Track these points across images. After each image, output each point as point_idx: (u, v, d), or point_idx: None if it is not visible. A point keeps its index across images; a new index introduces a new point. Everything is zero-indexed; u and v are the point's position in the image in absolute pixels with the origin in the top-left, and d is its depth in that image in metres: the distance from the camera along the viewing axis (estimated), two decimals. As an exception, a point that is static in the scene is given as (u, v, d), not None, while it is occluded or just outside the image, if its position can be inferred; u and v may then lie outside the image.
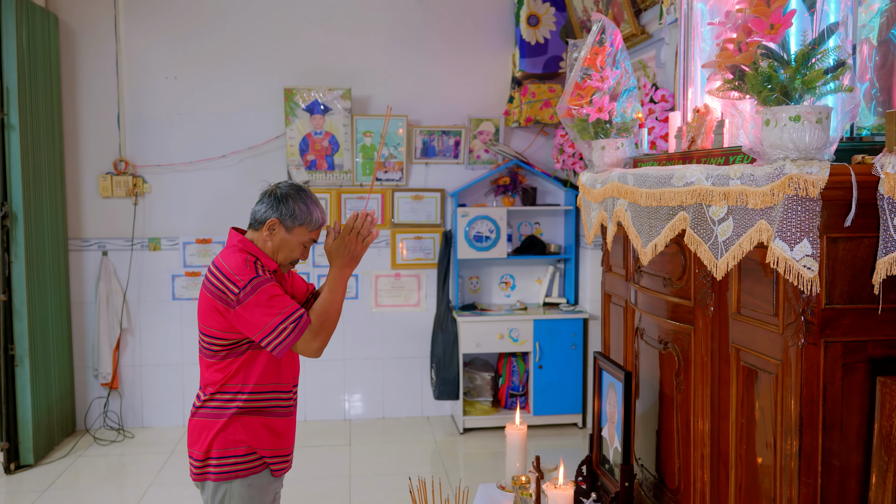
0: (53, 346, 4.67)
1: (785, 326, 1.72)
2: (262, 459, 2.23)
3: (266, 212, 2.22)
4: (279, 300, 2.12)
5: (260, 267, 2.16)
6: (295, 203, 2.21)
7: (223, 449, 2.20)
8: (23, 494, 4.04)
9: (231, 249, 2.21)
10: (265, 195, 2.26)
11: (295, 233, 2.22)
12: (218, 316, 2.15)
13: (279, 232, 2.21)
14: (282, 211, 2.20)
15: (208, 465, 2.21)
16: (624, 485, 2.21)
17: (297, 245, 2.24)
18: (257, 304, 2.09)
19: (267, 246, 2.22)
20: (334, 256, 2.25)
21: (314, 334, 2.15)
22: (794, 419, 1.69)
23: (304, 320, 2.13)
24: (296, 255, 2.26)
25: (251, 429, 2.21)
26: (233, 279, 2.11)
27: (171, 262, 5.09)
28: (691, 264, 2.11)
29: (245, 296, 2.10)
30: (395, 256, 5.26)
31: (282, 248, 2.22)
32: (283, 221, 2.20)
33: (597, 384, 2.54)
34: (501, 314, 5.03)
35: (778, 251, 1.61)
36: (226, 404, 2.22)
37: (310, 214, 2.23)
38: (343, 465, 4.46)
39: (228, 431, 2.21)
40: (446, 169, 5.27)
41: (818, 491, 1.70)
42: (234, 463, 2.19)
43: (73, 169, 4.95)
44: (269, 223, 2.20)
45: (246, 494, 2.19)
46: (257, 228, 2.23)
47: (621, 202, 2.41)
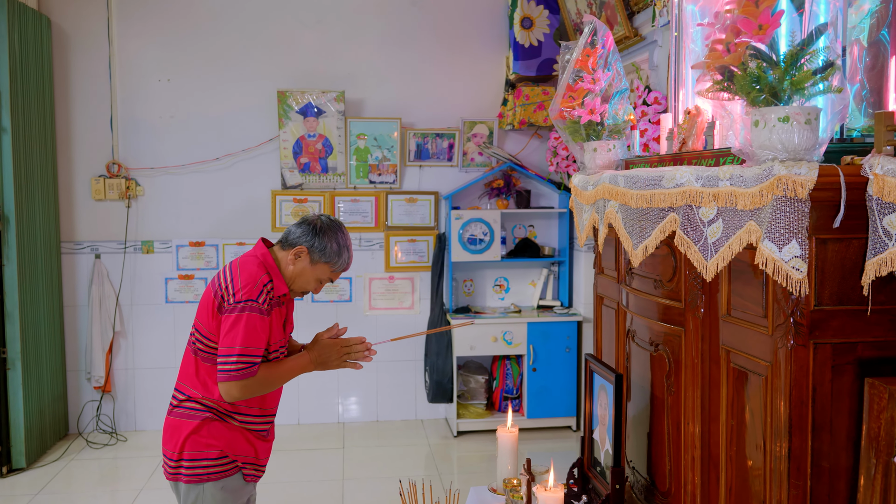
0: (46, 350, 4.65)
1: (774, 328, 1.71)
2: (235, 463, 2.22)
3: (300, 237, 2.23)
4: (253, 335, 2.11)
5: (267, 292, 2.15)
6: (329, 241, 2.23)
7: (194, 451, 2.19)
8: (14, 498, 4.02)
9: (252, 260, 2.21)
10: (305, 222, 2.27)
11: (318, 268, 2.24)
12: (212, 314, 2.17)
13: (304, 261, 2.23)
14: (314, 243, 2.22)
15: (181, 467, 2.20)
16: (615, 487, 2.20)
17: (314, 279, 2.26)
18: (235, 325, 2.10)
19: (288, 269, 2.23)
20: (316, 351, 2.27)
21: (244, 388, 2.12)
22: (784, 421, 1.69)
23: (252, 370, 2.12)
24: (309, 287, 2.28)
25: (223, 434, 2.20)
26: (235, 288, 2.14)
27: (164, 265, 5.07)
28: (682, 266, 2.10)
29: (233, 309, 2.12)
30: (388, 259, 5.25)
31: (300, 276, 2.24)
32: (311, 253, 2.22)
33: (588, 386, 2.54)
34: (495, 317, 5.03)
35: (766, 252, 1.60)
36: (203, 408, 2.21)
37: (339, 256, 2.25)
38: (336, 468, 4.44)
39: (201, 434, 2.20)
40: (440, 171, 5.27)
41: (808, 493, 1.69)
42: (205, 466, 2.18)
43: (66, 172, 4.93)
44: (297, 249, 2.22)
45: (219, 497, 2.19)
46: (285, 248, 2.25)
47: (612, 204, 2.41)
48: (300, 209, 5.12)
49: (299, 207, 5.12)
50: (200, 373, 2.22)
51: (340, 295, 5.24)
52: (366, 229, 5.21)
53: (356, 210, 5.19)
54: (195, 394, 2.22)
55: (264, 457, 2.32)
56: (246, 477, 2.26)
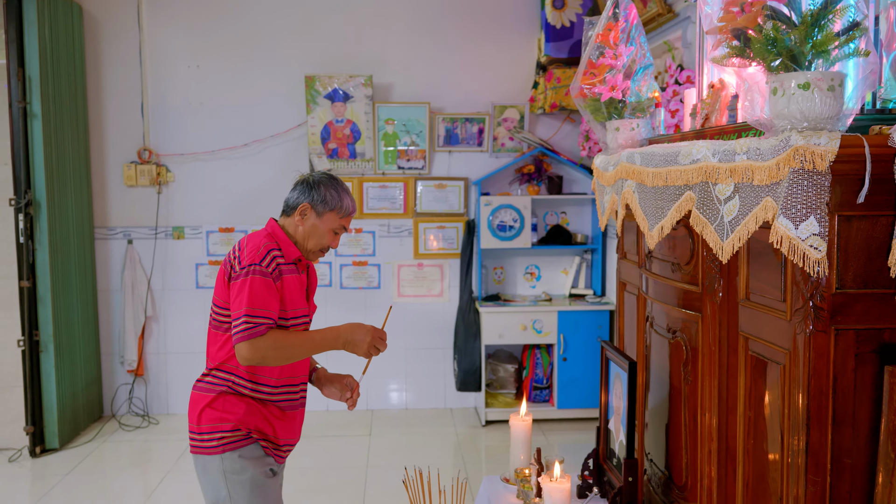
0: (79, 333, 4.72)
1: (793, 313, 1.59)
2: (250, 435, 2.19)
3: (298, 197, 2.26)
4: (259, 296, 2.10)
5: (273, 258, 2.14)
6: (326, 189, 2.25)
7: (211, 424, 2.19)
8: (46, 478, 4.09)
9: (259, 233, 2.24)
10: (298, 183, 2.31)
11: (325, 218, 2.24)
12: (226, 285, 2.18)
13: (310, 217, 2.24)
14: (313, 196, 2.24)
15: (199, 439, 2.21)
16: (627, 479, 2.10)
17: (328, 231, 2.26)
18: (241, 289, 2.10)
19: (298, 231, 2.25)
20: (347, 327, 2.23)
21: (255, 348, 2.07)
22: (802, 413, 1.57)
23: (259, 329, 2.08)
24: (326, 241, 2.27)
25: (237, 408, 2.18)
26: (241, 255, 2.15)
27: (195, 251, 5.10)
28: (699, 248, 1.99)
29: (237, 276, 2.13)
30: (417, 246, 5.19)
31: (312, 233, 2.24)
32: (314, 206, 2.23)
33: (604, 375, 2.43)
34: (525, 305, 4.92)
35: (782, 230, 1.48)
36: (219, 381, 2.22)
37: (340, 200, 2.26)
38: (361, 456, 4.41)
39: (215, 407, 2.20)
40: (470, 157, 5.18)
41: (827, 490, 1.57)
42: (220, 437, 2.17)
43: (99, 158, 4.99)
44: (301, 208, 2.24)
45: (238, 465, 2.16)
46: (289, 214, 2.27)
47: (629, 183, 2.30)
48: (329, 195, 5.08)
49: (328, 193, 5.08)
50: (218, 345, 2.24)
51: (369, 282, 5.20)
52: (394, 215, 5.15)
53: (385, 196, 5.14)
54: (214, 366, 2.24)
55: (284, 436, 2.28)
56: (265, 450, 2.23)
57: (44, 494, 3.89)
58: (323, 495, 3.77)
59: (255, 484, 2.17)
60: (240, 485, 2.17)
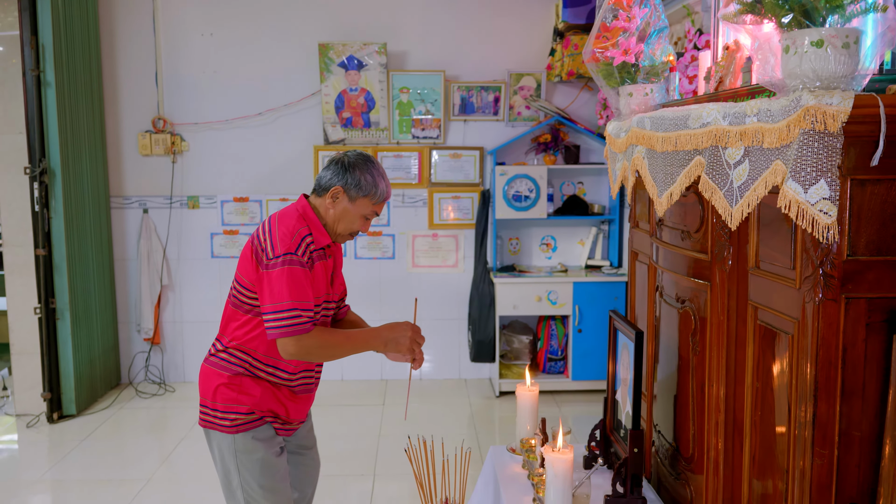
0: (96, 302, 4.76)
1: (802, 281, 1.53)
2: (263, 418, 2.18)
3: (331, 179, 2.15)
4: (299, 289, 2.04)
5: (306, 245, 2.09)
6: (361, 173, 2.14)
7: (226, 404, 2.17)
8: (63, 443, 4.15)
9: (291, 213, 2.15)
10: (332, 162, 2.19)
11: (358, 203, 2.15)
12: (253, 268, 2.12)
13: (342, 201, 2.15)
14: (347, 180, 2.13)
15: (213, 416, 2.19)
16: (633, 451, 2.06)
17: (359, 217, 2.18)
18: (279, 280, 2.03)
19: (329, 214, 2.17)
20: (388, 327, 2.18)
21: (300, 345, 2.04)
22: (809, 384, 1.52)
23: (305, 325, 2.04)
24: (356, 226, 2.19)
25: (254, 391, 2.17)
26: (274, 242, 2.08)
27: (210, 221, 5.10)
28: (709, 215, 1.93)
29: (273, 265, 2.06)
30: (432, 216, 5.15)
31: (343, 217, 2.16)
32: (347, 191, 2.14)
33: (612, 345, 2.39)
34: (540, 276, 4.88)
35: (790, 194, 1.42)
36: (237, 361, 2.19)
37: (375, 186, 2.16)
38: (374, 425, 4.43)
39: (231, 387, 2.18)
40: (485, 126, 5.11)
41: (834, 463, 1.52)
42: (234, 418, 2.16)
43: (114, 126, 4.99)
44: (333, 191, 2.14)
45: (251, 446, 2.16)
46: (321, 195, 2.17)
47: (639, 149, 2.23)
48: (343, 165, 5.05)
49: (342, 163, 5.05)
50: (238, 324, 2.20)
51: (383, 252, 5.18)
52: (409, 185, 5.11)
53: (399, 166, 5.09)
54: (231, 344, 2.20)
55: (296, 417, 2.27)
56: (277, 430, 2.23)
57: (61, 459, 3.95)
58: (335, 463, 3.78)
59: (265, 464, 2.17)
60: (251, 464, 2.16)
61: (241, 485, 2.17)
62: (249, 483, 2.16)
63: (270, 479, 2.17)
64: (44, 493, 3.61)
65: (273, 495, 2.18)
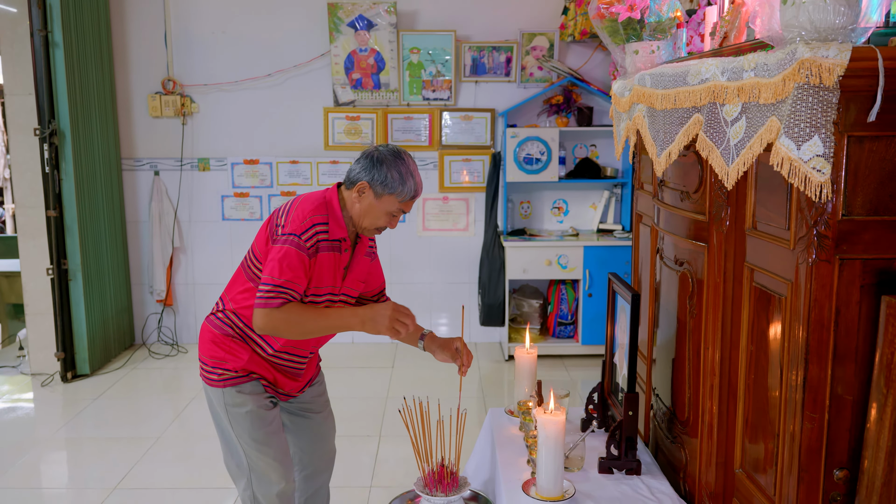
0: (108, 263, 4.80)
1: (796, 241, 1.49)
2: (251, 375, 2.20)
3: (359, 173, 2.11)
4: (287, 268, 2.03)
5: (316, 233, 2.07)
6: (389, 170, 2.09)
7: (217, 360, 2.20)
8: (76, 402, 4.23)
9: (315, 198, 2.13)
10: (363, 155, 2.15)
11: (383, 200, 2.10)
12: (264, 240, 2.14)
13: (368, 197, 2.11)
14: (374, 175, 2.09)
15: (205, 370, 2.23)
16: (627, 414, 2.05)
17: (384, 213, 2.13)
18: (276, 256, 2.04)
19: (354, 208, 2.13)
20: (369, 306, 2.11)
21: (269, 318, 2.03)
22: (801, 347, 1.49)
23: (278, 299, 2.02)
24: (381, 223, 2.15)
25: (244, 355, 2.19)
26: (287, 220, 2.09)
27: (220, 183, 5.11)
28: (707, 175, 1.88)
29: (276, 240, 2.08)
30: (443, 179, 5.11)
31: (369, 213, 2.12)
32: (373, 186, 2.09)
33: (610, 308, 2.36)
34: (550, 240, 4.84)
35: (783, 151, 1.37)
36: (231, 324, 2.21)
37: (402, 184, 2.10)
38: (382, 387, 4.45)
39: (224, 347, 2.20)
40: (497, 87, 5.03)
41: (824, 427, 1.49)
42: (222, 373, 2.19)
43: (124, 88, 4.98)
44: (360, 186, 2.10)
45: (238, 399, 2.18)
46: (349, 188, 2.14)
47: (640, 108, 2.18)
48: (353, 127, 5.02)
49: (352, 125, 5.02)
50: (241, 289, 2.22)
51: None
52: (419, 148, 5.07)
53: (410, 128, 5.04)
54: (230, 307, 2.22)
55: (286, 388, 2.28)
56: (266, 388, 2.24)
57: (74, 416, 4.03)
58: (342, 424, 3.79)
59: (255, 416, 2.19)
60: (240, 417, 2.18)
61: (236, 438, 2.21)
62: (242, 436, 2.19)
63: (261, 431, 2.19)
64: (56, 449, 3.68)
65: (267, 448, 2.20)
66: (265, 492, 2.23)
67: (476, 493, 2.22)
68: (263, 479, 2.22)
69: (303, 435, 2.44)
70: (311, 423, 2.43)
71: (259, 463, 2.21)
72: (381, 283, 2.42)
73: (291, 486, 2.29)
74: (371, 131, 5.01)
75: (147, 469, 3.41)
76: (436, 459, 2.14)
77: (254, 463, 2.22)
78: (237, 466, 2.26)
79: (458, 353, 2.28)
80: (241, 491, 2.29)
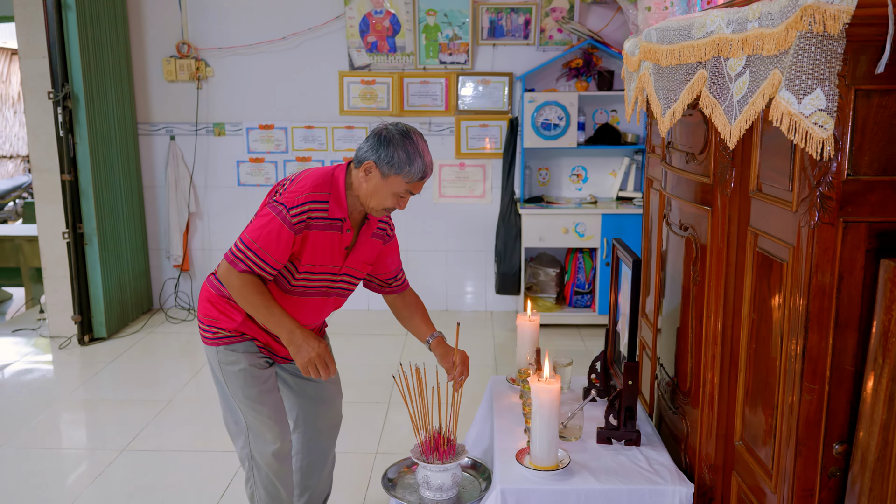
0: (125, 228, 4.82)
1: (799, 203, 1.41)
2: (244, 335, 2.18)
3: (366, 152, 2.05)
4: (268, 239, 2.00)
5: (307, 209, 2.02)
6: (396, 149, 2.01)
7: (212, 318, 2.20)
8: (93, 364, 4.28)
9: (319, 175, 2.08)
10: (372, 133, 2.08)
11: (390, 181, 2.03)
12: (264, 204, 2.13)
13: (374, 176, 2.04)
14: (380, 155, 2.01)
15: (202, 328, 2.23)
16: (627, 383, 1.99)
17: (390, 194, 2.06)
18: (260, 220, 2.02)
19: (362, 188, 2.07)
20: (301, 335, 2.04)
21: (226, 276, 2.04)
22: (801, 314, 1.41)
23: (244, 264, 2.01)
24: (388, 203, 2.08)
25: (236, 316, 2.17)
26: (286, 190, 2.05)
27: (236, 148, 5.08)
28: (712, 135, 1.79)
29: (270, 204, 2.05)
30: (459, 145, 5.02)
31: (375, 193, 2.06)
32: (379, 166, 2.02)
33: (614, 275, 2.29)
34: (567, 207, 4.75)
35: (783, 105, 1.28)
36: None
37: (409, 165, 2.01)
38: (394, 354, 4.43)
39: (218, 307, 2.19)
40: (515, 50, 4.91)
41: (824, 399, 1.42)
42: (216, 332, 2.19)
43: (139, 51, 4.95)
44: (366, 165, 2.03)
45: (232, 358, 2.18)
46: (357, 167, 2.07)
47: (646, 65, 2.08)
48: (368, 91, 4.95)
49: (367, 90, 4.95)
50: None
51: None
52: (436, 113, 4.98)
53: (426, 92, 4.96)
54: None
55: (280, 353, 2.26)
56: (260, 349, 2.22)
57: (91, 377, 4.08)
58: (352, 390, 3.79)
59: (248, 375, 2.17)
60: (233, 375, 2.17)
61: (231, 396, 2.21)
62: (237, 395, 2.18)
63: (254, 389, 2.18)
64: (70, 411, 3.73)
65: (261, 406, 2.19)
66: (261, 451, 2.23)
67: (475, 461, 2.18)
68: (259, 438, 2.22)
69: (305, 397, 2.42)
70: (314, 385, 2.41)
71: (255, 422, 2.21)
72: (395, 267, 2.36)
73: (287, 446, 2.28)
74: (387, 96, 4.94)
75: (157, 431, 3.44)
76: (433, 427, 2.10)
77: (250, 421, 2.21)
78: (235, 424, 2.26)
79: (454, 366, 2.23)
80: (238, 450, 2.29)
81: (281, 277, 2.12)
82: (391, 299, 2.42)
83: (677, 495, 1.83)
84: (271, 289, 2.12)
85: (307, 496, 2.53)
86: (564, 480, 1.86)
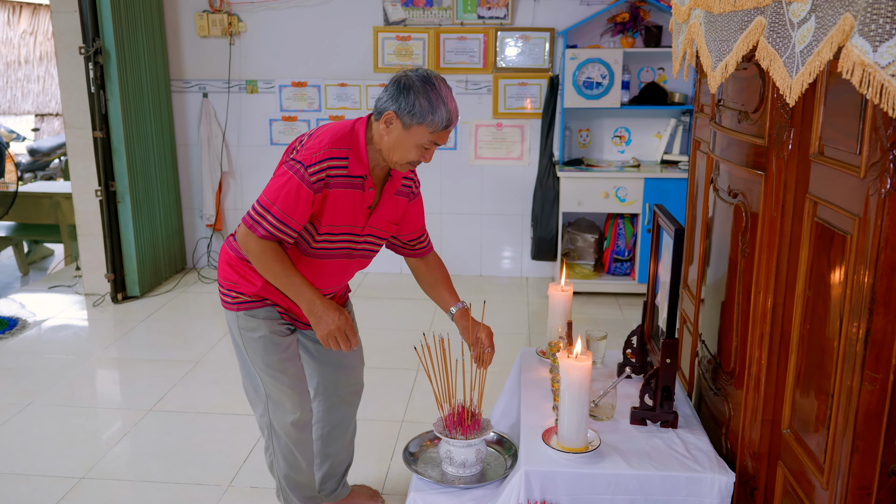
0: (158, 186, 4.78)
1: (868, 168, 1.24)
2: (265, 301, 2.09)
3: (386, 102, 1.90)
4: (287, 200, 1.88)
5: (326, 167, 1.90)
6: (417, 97, 1.86)
7: (230, 282, 2.11)
8: (125, 322, 4.27)
9: (338, 129, 1.95)
10: (391, 82, 1.92)
11: (413, 132, 1.89)
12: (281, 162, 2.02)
13: (396, 127, 1.89)
14: (401, 104, 1.87)
15: (222, 293, 2.14)
16: (665, 361, 1.84)
17: (414, 146, 1.91)
18: (278, 181, 1.90)
19: (383, 141, 1.93)
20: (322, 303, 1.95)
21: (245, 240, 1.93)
22: (866, 293, 1.25)
23: (263, 229, 1.89)
24: (411, 156, 1.94)
25: (256, 281, 2.07)
26: (303, 147, 1.93)
27: (268, 106, 4.98)
28: (769, 91, 1.61)
29: (286, 163, 1.93)
30: (497, 104, 4.84)
31: (398, 146, 1.92)
32: (400, 116, 1.88)
33: (654, 243, 2.13)
34: (608, 171, 4.55)
35: (855, 54, 1.11)
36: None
37: (432, 113, 1.87)
38: (425, 320, 4.34)
39: (238, 270, 2.10)
40: (557, 4, 4.68)
41: (888, 389, 1.27)
42: (236, 296, 2.10)
43: (172, 6, 4.85)
44: (386, 116, 1.89)
45: (253, 324, 2.10)
46: (377, 119, 1.93)
47: (696, 13, 1.89)
48: (403, 47, 4.78)
49: (402, 46, 4.78)
50: None
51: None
52: (473, 70, 4.80)
53: (463, 49, 4.77)
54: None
55: (302, 318, 2.17)
56: (281, 315, 2.13)
57: (122, 335, 4.07)
58: (380, 355, 3.73)
59: (269, 342, 2.09)
60: (253, 342, 2.10)
61: (251, 363, 2.14)
62: (256, 362, 2.11)
63: (274, 356, 2.10)
64: (99, 369, 3.72)
65: (281, 374, 2.12)
66: (281, 420, 2.16)
67: (501, 437, 2.07)
68: (279, 406, 2.15)
69: (327, 363, 2.33)
70: (335, 352, 2.31)
71: (274, 390, 2.13)
72: (419, 228, 2.24)
73: (308, 415, 2.20)
74: (422, 52, 4.76)
75: (184, 392, 3.41)
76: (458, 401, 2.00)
77: (270, 390, 2.14)
78: (255, 391, 2.19)
79: (478, 342, 2.10)
80: (258, 417, 2.23)
81: (301, 239, 2.02)
82: (413, 263, 2.31)
83: (716, 484, 1.69)
84: (290, 251, 2.02)
85: (328, 465, 2.46)
86: (593, 464, 1.73)
